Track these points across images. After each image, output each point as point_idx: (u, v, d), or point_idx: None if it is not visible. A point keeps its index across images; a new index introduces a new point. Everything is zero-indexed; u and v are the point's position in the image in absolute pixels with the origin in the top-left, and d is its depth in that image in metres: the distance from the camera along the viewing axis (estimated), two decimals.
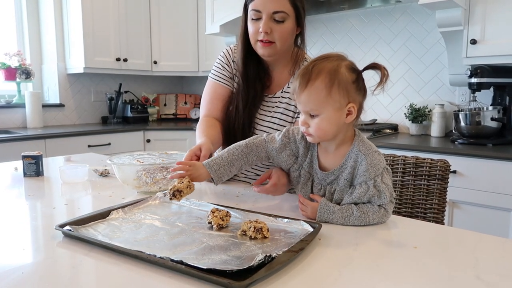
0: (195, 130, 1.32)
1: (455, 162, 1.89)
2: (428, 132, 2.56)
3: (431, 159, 1.25)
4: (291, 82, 1.32)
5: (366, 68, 0.90)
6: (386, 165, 0.95)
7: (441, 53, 2.55)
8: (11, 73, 3.09)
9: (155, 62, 3.61)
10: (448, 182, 1.23)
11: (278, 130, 1.11)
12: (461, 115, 2.18)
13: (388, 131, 2.63)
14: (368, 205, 0.91)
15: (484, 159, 1.90)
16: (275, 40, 1.22)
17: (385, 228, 0.90)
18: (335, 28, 3.00)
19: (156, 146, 3.32)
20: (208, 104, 1.37)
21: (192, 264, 0.64)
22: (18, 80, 3.13)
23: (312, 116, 0.90)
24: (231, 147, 1.04)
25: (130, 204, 0.99)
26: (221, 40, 3.38)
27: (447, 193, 1.24)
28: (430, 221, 1.21)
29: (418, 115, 2.54)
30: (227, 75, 1.37)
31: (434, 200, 1.23)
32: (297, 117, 1.29)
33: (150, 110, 3.84)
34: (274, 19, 1.20)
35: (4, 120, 3.08)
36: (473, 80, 2.14)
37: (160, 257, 0.68)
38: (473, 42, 2.12)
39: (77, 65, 3.23)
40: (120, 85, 3.56)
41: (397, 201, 1.29)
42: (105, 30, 3.26)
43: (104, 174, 1.44)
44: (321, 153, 0.99)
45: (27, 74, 3.12)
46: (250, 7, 1.23)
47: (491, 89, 2.24)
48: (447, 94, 2.58)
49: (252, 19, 1.23)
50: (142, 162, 1.20)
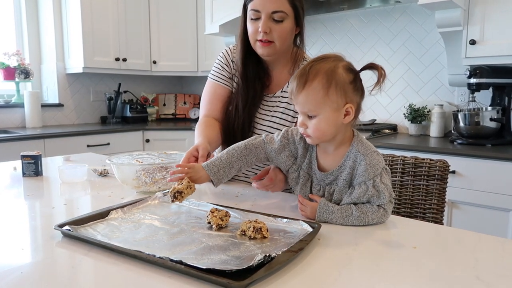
0: (194, 130, 1.32)
1: (454, 162, 1.89)
2: (427, 132, 2.57)
3: (430, 159, 1.25)
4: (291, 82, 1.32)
5: (363, 69, 0.91)
6: (385, 165, 0.95)
7: (441, 54, 2.56)
8: (10, 73, 3.09)
9: (154, 62, 3.61)
10: (447, 182, 1.23)
11: (279, 130, 1.11)
12: (460, 116, 2.18)
13: (387, 131, 2.63)
14: (368, 205, 0.92)
15: (483, 160, 1.91)
16: (274, 40, 1.23)
17: (384, 228, 0.90)
18: (335, 28, 3.00)
19: (155, 146, 3.32)
20: (208, 105, 1.37)
21: (192, 264, 0.64)
22: (17, 80, 3.12)
23: (310, 117, 0.90)
24: (230, 149, 1.04)
25: (129, 204, 0.99)
26: (221, 40, 3.38)
27: (446, 193, 1.24)
28: (429, 221, 1.21)
29: (417, 115, 2.54)
30: (227, 75, 1.37)
31: (433, 200, 1.23)
32: (298, 117, 1.29)
33: (149, 110, 3.84)
34: (273, 19, 1.21)
35: (3, 120, 3.08)
36: (472, 81, 2.15)
37: (160, 257, 0.68)
38: (472, 43, 2.12)
39: (76, 65, 3.23)
40: (119, 85, 3.56)
41: (396, 201, 1.29)
42: (104, 30, 3.26)
43: (103, 174, 1.43)
44: (320, 154, 0.99)
45: (26, 74, 3.12)
46: (249, 7, 1.23)
47: (490, 90, 2.25)
48: (446, 95, 2.58)
49: (251, 19, 1.24)
50: (141, 162, 1.20)
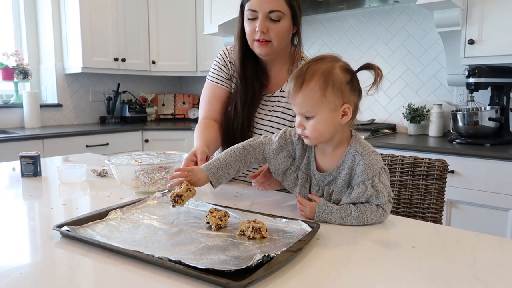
0: (194, 130, 1.32)
1: (453, 162, 1.89)
2: (426, 132, 2.57)
3: (429, 159, 1.25)
4: None
5: (360, 69, 0.90)
6: (383, 165, 0.95)
7: (439, 53, 2.56)
8: (9, 73, 3.08)
9: (154, 62, 3.61)
10: (446, 182, 1.24)
11: (278, 129, 1.11)
12: (459, 115, 2.18)
13: (386, 131, 2.63)
14: (367, 205, 0.92)
15: (482, 159, 1.91)
16: (272, 39, 1.23)
17: (383, 228, 0.90)
18: (333, 28, 3.00)
19: (155, 146, 3.31)
20: (207, 106, 1.38)
21: (191, 264, 0.64)
22: (16, 80, 3.12)
23: (308, 118, 0.90)
24: (229, 150, 1.04)
25: (128, 204, 0.99)
26: (220, 40, 3.38)
27: (445, 193, 1.24)
28: (428, 221, 1.21)
29: (416, 115, 2.55)
30: (225, 76, 1.37)
31: (432, 200, 1.23)
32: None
33: (149, 110, 3.84)
34: (270, 18, 1.22)
35: (2, 120, 3.07)
36: (471, 80, 2.15)
37: (159, 257, 0.68)
38: (471, 42, 2.13)
39: (75, 65, 3.23)
40: (118, 85, 3.56)
41: (395, 201, 1.29)
42: (103, 30, 3.26)
43: (102, 174, 1.43)
44: (318, 155, 0.99)
45: (25, 74, 3.12)
46: (246, 7, 1.24)
47: (489, 89, 2.25)
48: (445, 94, 2.58)
49: (249, 19, 1.25)
50: (141, 162, 1.20)
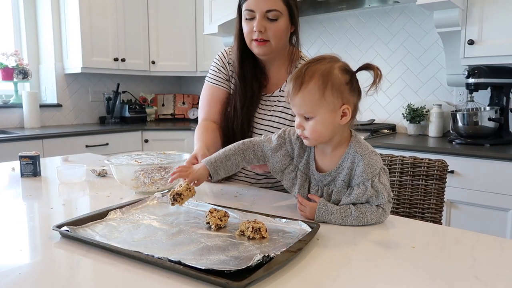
0: (193, 131, 1.32)
1: (453, 162, 1.89)
2: (426, 132, 2.57)
3: (429, 159, 1.25)
4: None
5: (359, 69, 0.90)
6: (383, 165, 0.95)
7: (439, 54, 2.56)
8: (8, 73, 3.08)
9: (153, 62, 3.61)
10: (446, 182, 1.24)
11: (278, 129, 1.12)
12: (459, 115, 2.19)
13: (386, 131, 2.63)
14: (367, 205, 0.92)
15: (482, 159, 1.91)
16: (270, 39, 1.24)
17: (383, 228, 0.90)
18: (333, 29, 3.00)
19: (154, 146, 3.31)
20: (206, 107, 1.38)
21: (190, 265, 0.64)
22: (16, 80, 3.12)
23: (307, 119, 0.90)
24: (229, 145, 1.06)
25: (128, 205, 0.98)
26: (219, 40, 3.38)
27: (445, 193, 1.24)
28: (428, 221, 1.21)
29: (416, 115, 2.55)
30: (223, 77, 1.37)
31: (432, 200, 1.23)
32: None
33: (148, 110, 3.83)
34: (268, 18, 1.22)
35: (1, 120, 3.07)
36: (471, 81, 2.15)
37: (158, 258, 0.68)
38: (471, 43, 2.13)
39: (75, 65, 3.23)
40: (118, 85, 3.56)
41: (395, 201, 1.29)
42: (103, 30, 3.26)
43: (102, 175, 1.43)
44: (318, 155, 0.99)
45: (25, 74, 3.12)
46: (244, 7, 1.25)
47: (489, 90, 2.25)
48: (445, 95, 2.59)
49: (246, 19, 1.25)
50: (140, 163, 1.20)
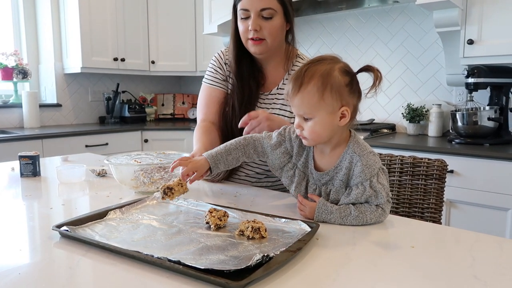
0: (193, 130, 1.32)
1: (452, 162, 1.89)
2: (426, 132, 2.57)
3: (429, 159, 1.25)
4: (286, 79, 1.33)
5: (360, 71, 0.90)
6: (382, 166, 0.95)
7: (439, 53, 2.56)
8: (8, 73, 3.08)
9: (153, 62, 3.61)
10: (445, 182, 1.24)
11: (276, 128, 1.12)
12: (458, 115, 2.19)
13: (386, 131, 2.63)
14: (366, 205, 0.92)
15: (481, 159, 1.91)
16: (265, 37, 1.25)
17: (383, 228, 0.90)
18: (333, 28, 3.00)
19: (154, 146, 3.31)
20: (204, 109, 1.38)
21: (190, 264, 0.64)
22: (15, 80, 3.12)
23: (306, 119, 0.91)
24: (230, 140, 1.07)
25: (128, 204, 0.99)
26: (219, 40, 3.38)
27: (444, 193, 1.24)
28: (427, 221, 1.21)
29: (416, 115, 2.55)
30: (221, 78, 1.38)
31: (432, 200, 1.24)
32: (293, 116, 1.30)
33: (148, 110, 3.83)
34: (263, 16, 1.23)
35: (1, 120, 3.07)
36: (470, 80, 2.15)
37: (158, 257, 0.68)
38: (470, 42, 2.13)
39: (75, 65, 3.22)
40: (118, 85, 3.56)
41: (395, 201, 1.29)
42: (103, 30, 3.26)
43: (102, 174, 1.43)
44: (317, 154, 0.99)
45: (24, 74, 3.11)
46: (239, 7, 1.26)
47: (488, 89, 2.25)
48: (444, 94, 2.59)
49: (241, 18, 1.27)
50: (140, 162, 1.19)
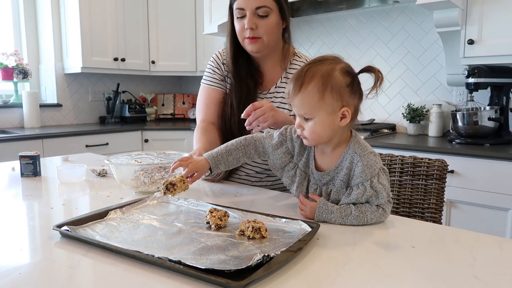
0: (193, 130, 1.33)
1: (453, 162, 1.89)
2: (426, 132, 2.57)
3: (429, 159, 1.25)
4: (284, 77, 1.33)
5: (361, 71, 0.90)
6: (383, 166, 0.95)
7: (439, 53, 2.56)
8: (8, 73, 3.08)
9: (153, 62, 3.61)
10: (446, 182, 1.24)
11: (270, 127, 1.13)
12: (459, 115, 2.19)
13: (386, 131, 2.63)
14: (367, 205, 0.92)
15: (482, 159, 1.91)
16: (261, 35, 1.26)
17: (383, 228, 0.90)
18: (333, 28, 3.00)
19: (154, 146, 3.31)
20: (203, 109, 1.39)
21: (190, 264, 0.64)
22: (15, 80, 3.12)
23: (306, 120, 0.91)
24: (231, 140, 1.07)
25: (128, 204, 0.99)
26: (219, 40, 3.38)
27: (445, 193, 1.24)
28: (428, 221, 1.21)
29: (416, 115, 2.55)
30: (219, 78, 1.38)
31: (432, 200, 1.23)
32: (293, 114, 1.30)
33: (148, 110, 3.83)
34: (258, 15, 1.24)
35: (1, 120, 3.07)
36: (471, 80, 2.15)
37: (158, 257, 0.68)
38: (471, 42, 2.13)
39: (75, 65, 3.23)
40: (118, 85, 3.56)
41: (395, 201, 1.29)
42: (103, 30, 3.26)
43: (102, 174, 1.43)
44: (318, 154, 0.99)
45: (24, 74, 3.11)
46: (234, 6, 1.28)
47: (488, 89, 2.25)
48: (445, 94, 2.59)
49: (237, 18, 1.28)
50: (140, 162, 1.19)
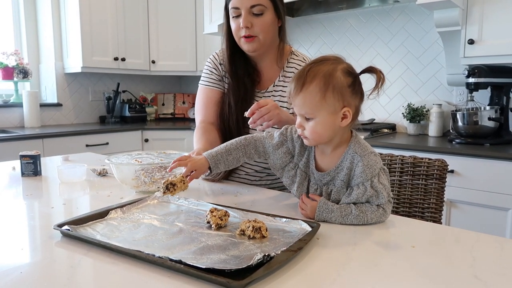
0: (193, 130, 1.33)
1: (453, 162, 1.90)
2: (426, 132, 2.57)
3: (429, 159, 1.25)
4: (282, 76, 1.33)
5: (362, 72, 0.90)
6: (383, 166, 0.95)
7: (439, 53, 2.56)
8: (9, 73, 3.08)
9: (153, 62, 3.61)
10: (446, 182, 1.24)
11: (273, 126, 1.12)
12: (459, 115, 2.19)
13: (386, 131, 2.63)
14: (367, 205, 0.92)
15: (482, 159, 1.91)
16: (257, 34, 1.27)
17: (383, 228, 0.91)
18: (333, 28, 3.00)
19: (154, 146, 3.31)
20: (202, 110, 1.39)
21: (191, 264, 0.65)
22: (16, 80, 3.12)
23: (307, 119, 0.91)
24: (231, 140, 1.07)
25: (129, 204, 0.99)
26: (219, 40, 3.33)
27: (445, 193, 1.24)
28: (428, 221, 1.21)
29: (416, 115, 2.55)
30: (216, 78, 1.39)
31: (432, 200, 1.24)
32: (292, 113, 1.30)
33: (148, 110, 3.83)
34: (253, 13, 1.25)
35: (2, 120, 3.07)
36: (471, 80, 2.15)
37: (159, 257, 0.68)
38: (471, 42, 2.13)
39: (75, 65, 3.23)
40: (118, 85, 3.56)
41: (395, 201, 1.29)
42: (103, 30, 3.26)
43: (102, 174, 1.43)
44: (318, 154, 0.99)
45: (25, 74, 3.11)
46: (230, 6, 1.28)
47: (489, 89, 2.25)
48: (445, 94, 2.59)
49: (233, 17, 1.28)
50: (141, 162, 1.20)
